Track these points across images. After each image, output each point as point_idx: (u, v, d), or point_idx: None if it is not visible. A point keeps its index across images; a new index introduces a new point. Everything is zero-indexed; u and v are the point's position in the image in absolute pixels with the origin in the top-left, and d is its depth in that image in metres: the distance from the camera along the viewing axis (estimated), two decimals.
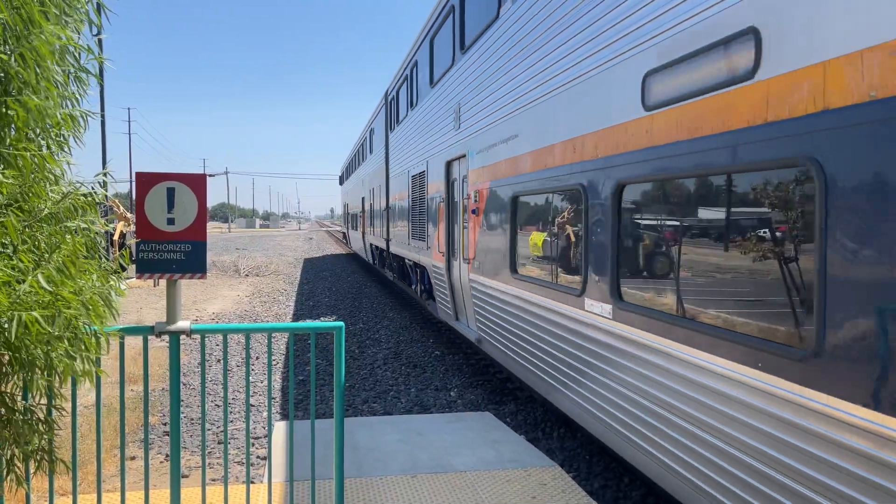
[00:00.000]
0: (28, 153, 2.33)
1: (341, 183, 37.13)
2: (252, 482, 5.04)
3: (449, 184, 9.58)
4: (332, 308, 15.72)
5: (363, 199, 23.01)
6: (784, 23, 2.96)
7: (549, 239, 5.93)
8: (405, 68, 13.27)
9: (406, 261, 14.06)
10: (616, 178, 4.45)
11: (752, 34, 3.15)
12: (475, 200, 7.92)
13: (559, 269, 5.68)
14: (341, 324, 3.76)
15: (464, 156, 8.54)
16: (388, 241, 16.49)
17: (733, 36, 3.27)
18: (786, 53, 2.95)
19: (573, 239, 5.37)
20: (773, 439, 3.03)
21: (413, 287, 13.89)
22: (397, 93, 14.49)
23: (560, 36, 5.37)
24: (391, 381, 8.87)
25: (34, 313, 2.23)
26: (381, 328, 12.84)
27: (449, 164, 9.49)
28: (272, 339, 8.55)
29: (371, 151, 20.54)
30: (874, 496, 2.52)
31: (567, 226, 5.48)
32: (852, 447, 2.62)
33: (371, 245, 21.37)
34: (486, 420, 6.40)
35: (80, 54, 2.58)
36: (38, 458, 2.78)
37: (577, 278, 5.18)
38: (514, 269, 6.66)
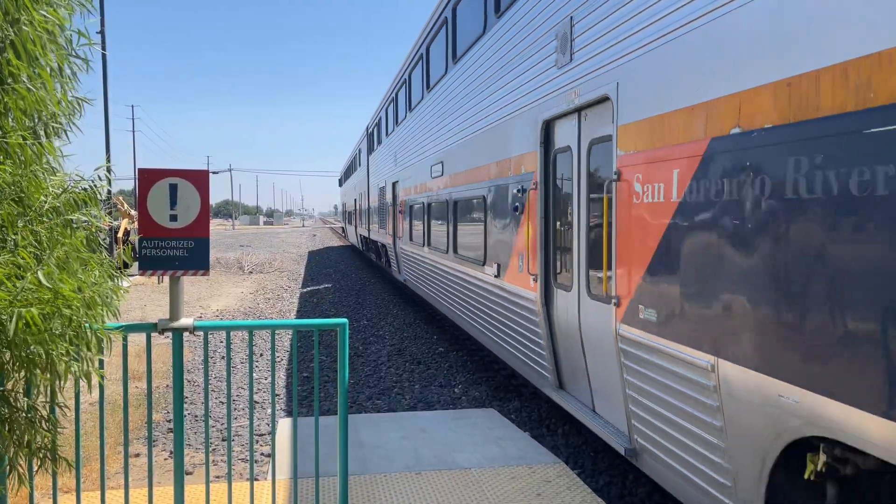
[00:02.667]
0: (27, 142, 2.29)
1: (340, 185, 43.06)
2: (256, 479, 5.03)
3: (394, 195, 16.32)
4: (335, 305, 15.73)
5: (355, 200, 30.59)
6: (445, 162, 10.22)
7: (416, 224, 12.82)
8: (376, 116, 20.71)
9: (378, 243, 21.41)
10: (429, 202, 11.11)
11: (441, 164, 10.42)
12: (401, 206, 15.01)
13: (415, 234, 12.77)
14: (345, 320, 3.74)
15: (398, 181, 15.56)
16: (369, 230, 23.72)
17: (437, 162, 10.68)
18: (447, 170, 10.12)
19: (420, 223, 11.98)
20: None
21: (381, 260, 21.53)
22: (372, 130, 22.43)
23: (420, 137, 12.43)
24: (395, 377, 8.86)
25: (33, 309, 2.20)
26: (384, 325, 12.84)
27: (394, 184, 16.24)
28: (276, 336, 8.49)
29: (360, 165, 28.14)
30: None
31: (416, 217, 12.39)
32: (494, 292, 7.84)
33: (360, 235, 29.05)
34: (491, 417, 6.39)
35: (72, 37, 2.53)
36: (41, 456, 2.76)
37: (422, 237, 11.84)
38: (410, 238, 13.58)
